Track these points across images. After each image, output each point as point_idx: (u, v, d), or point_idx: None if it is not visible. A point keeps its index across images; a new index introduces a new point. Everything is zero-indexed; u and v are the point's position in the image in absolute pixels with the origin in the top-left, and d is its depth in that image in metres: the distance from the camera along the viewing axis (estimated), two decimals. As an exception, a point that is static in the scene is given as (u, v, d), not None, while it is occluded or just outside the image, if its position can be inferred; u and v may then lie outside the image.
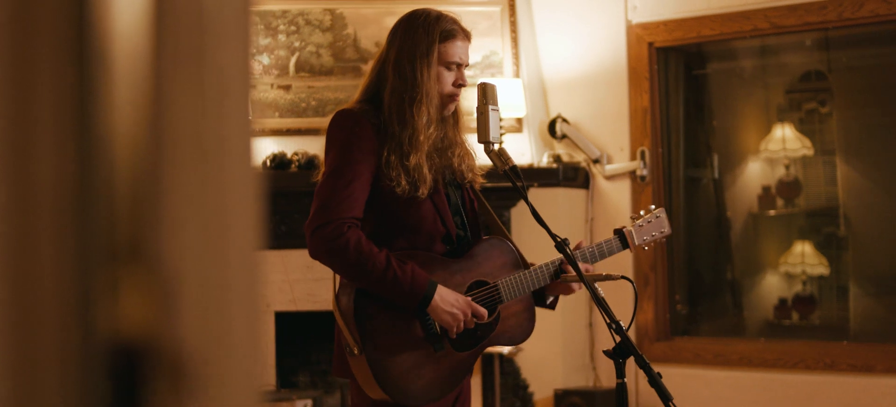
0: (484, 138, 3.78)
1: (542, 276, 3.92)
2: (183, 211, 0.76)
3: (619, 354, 3.67)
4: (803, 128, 8.68)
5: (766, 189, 8.87)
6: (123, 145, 0.72)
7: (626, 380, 3.77)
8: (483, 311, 3.76)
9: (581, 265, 3.89)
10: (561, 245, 3.75)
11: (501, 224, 3.98)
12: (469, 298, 3.75)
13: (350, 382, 3.83)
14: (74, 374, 0.71)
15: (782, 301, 8.72)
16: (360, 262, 3.57)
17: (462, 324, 3.70)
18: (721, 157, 8.73)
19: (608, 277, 3.97)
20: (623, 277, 3.96)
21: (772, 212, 8.89)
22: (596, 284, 3.75)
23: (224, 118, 0.80)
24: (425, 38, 3.80)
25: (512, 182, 3.77)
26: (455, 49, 3.82)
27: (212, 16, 0.79)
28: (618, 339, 3.65)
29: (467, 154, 3.93)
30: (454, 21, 3.88)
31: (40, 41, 0.71)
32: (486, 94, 3.79)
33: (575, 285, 3.97)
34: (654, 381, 3.68)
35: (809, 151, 8.65)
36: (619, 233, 4.15)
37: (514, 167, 3.78)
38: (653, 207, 4.35)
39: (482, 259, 3.87)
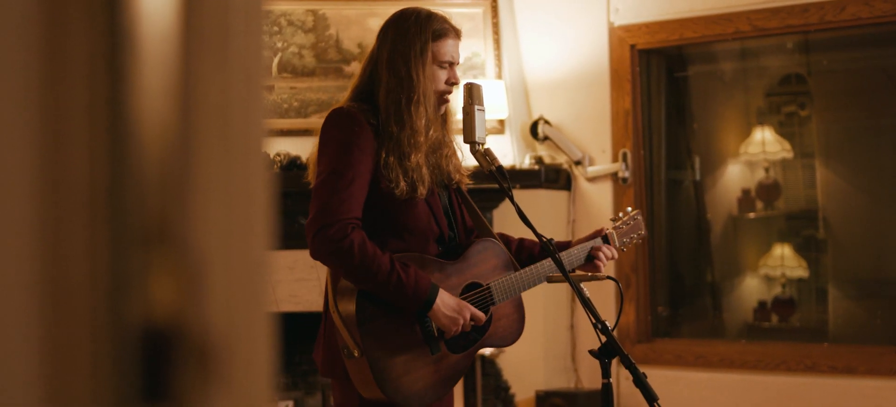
0: (470, 138, 3.78)
1: (535, 277, 3.93)
2: (209, 195, 0.76)
3: (605, 354, 3.68)
4: (783, 131, 8.71)
5: (745, 192, 8.89)
6: (153, 129, 0.72)
7: (611, 380, 3.78)
8: (481, 315, 3.76)
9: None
10: (546, 245, 3.76)
11: (488, 225, 3.98)
12: (467, 303, 3.75)
13: (332, 382, 3.81)
14: (106, 357, 0.71)
15: (762, 304, 8.74)
16: (365, 264, 3.54)
17: (460, 328, 3.70)
18: (702, 159, 8.74)
19: (594, 277, 3.99)
20: (609, 278, 3.98)
21: (751, 214, 8.91)
22: (581, 285, 3.76)
23: (248, 102, 0.80)
24: (419, 37, 3.78)
25: (498, 183, 3.77)
26: (447, 47, 3.81)
27: (236, 2, 0.79)
28: (603, 339, 3.65)
29: (454, 155, 3.92)
30: (445, 19, 3.87)
31: (73, 25, 0.70)
32: (472, 95, 3.79)
33: (601, 265, 4.03)
34: (640, 381, 3.69)
35: (789, 154, 8.67)
36: (602, 236, 4.16)
37: (500, 167, 3.78)
38: (629, 208, 4.37)
39: (476, 261, 3.87)
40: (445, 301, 3.66)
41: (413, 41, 3.77)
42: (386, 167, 3.66)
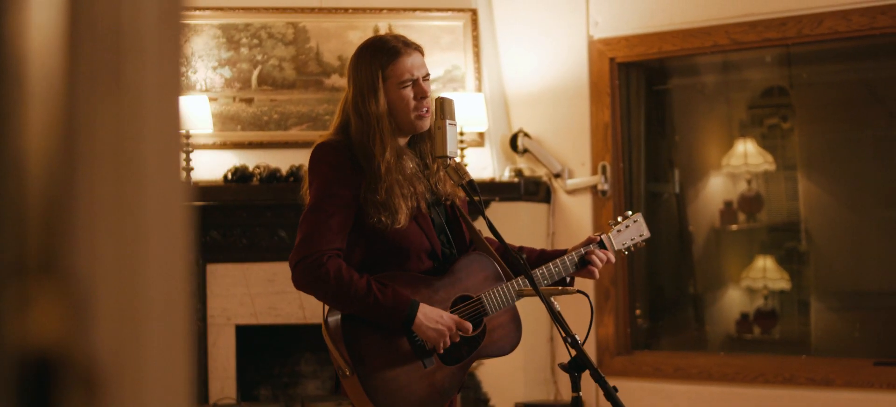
0: (441, 153, 3.81)
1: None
2: (97, 225, 0.77)
3: (575, 367, 3.69)
4: (765, 143, 8.73)
5: (728, 204, 8.91)
6: (36, 162, 0.73)
7: (582, 394, 3.80)
8: (468, 325, 3.82)
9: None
10: (516, 258, 3.79)
11: (482, 239, 4.01)
12: (452, 315, 3.80)
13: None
14: (-16, 386, 0.72)
15: (744, 316, 8.76)
16: (341, 290, 3.66)
17: (448, 339, 3.77)
18: (684, 171, 8.76)
19: (564, 292, 4.00)
20: (579, 292, 3.99)
21: (734, 226, 8.94)
22: (552, 298, 3.78)
23: (141, 134, 0.81)
24: (368, 71, 3.88)
25: (469, 196, 3.81)
26: (402, 66, 3.87)
27: (129, 33, 0.80)
28: (573, 352, 3.66)
29: (442, 171, 3.97)
30: (395, 39, 3.93)
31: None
32: (444, 109, 3.82)
33: (596, 270, 4.06)
34: (610, 395, 3.70)
35: (771, 166, 8.70)
36: (598, 241, 4.18)
37: (471, 181, 3.81)
38: (629, 212, 4.39)
39: (464, 275, 3.93)
40: (428, 315, 3.73)
41: (365, 77, 3.89)
42: (365, 203, 3.77)
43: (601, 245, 4.19)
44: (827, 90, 8.62)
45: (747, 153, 8.71)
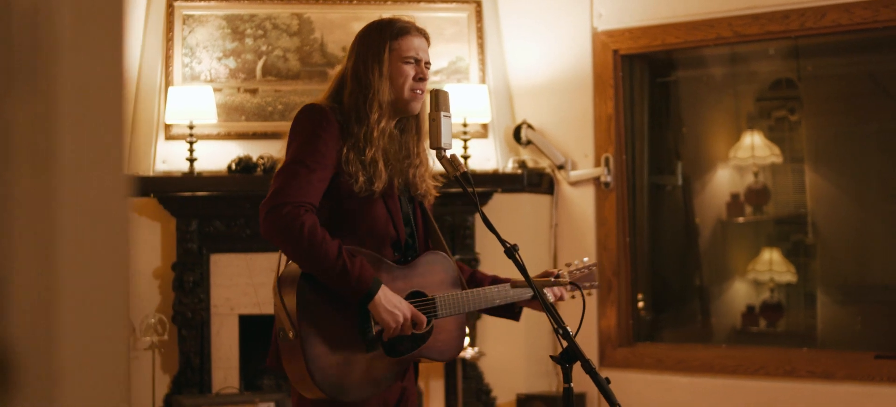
0: (436, 144, 3.82)
1: (483, 299, 3.98)
2: (12, 218, 0.79)
3: (566, 359, 3.69)
4: (772, 135, 8.72)
5: (734, 196, 8.90)
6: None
7: (582, 386, 3.81)
8: (423, 318, 3.81)
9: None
10: (510, 251, 3.79)
11: (445, 243, 4.02)
12: (410, 304, 3.80)
13: (292, 388, 3.85)
14: None
15: (750, 308, 8.76)
16: (313, 246, 3.62)
17: (401, 326, 3.75)
18: (690, 163, 8.76)
19: (556, 283, 4.01)
20: (572, 284, 4.01)
21: (740, 219, 8.92)
22: (545, 290, 3.79)
23: (58, 129, 0.83)
24: (377, 41, 3.92)
25: (463, 188, 3.80)
26: (409, 43, 3.91)
27: (46, 31, 0.81)
28: (565, 344, 3.67)
29: (423, 166, 3.98)
30: (408, 21, 3.99)
31: None
32: (439, 101, 3.84)
33: (551, 299, 4.06)
34: (601, 386, 3.70)
35: (778, 159, 8.69)
36: (554, 276, 4.21)
37: (465, 173, 3.81)
38: (586, 258, 4.43)
39: (424, 271, 3.93)
40: (388, 297, 3.71)
41: (372, 47, 3.92)
42: (346, 162, 3.76)
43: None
44: (834, 83, 8.60)
45: (754, 145, 8.70)
